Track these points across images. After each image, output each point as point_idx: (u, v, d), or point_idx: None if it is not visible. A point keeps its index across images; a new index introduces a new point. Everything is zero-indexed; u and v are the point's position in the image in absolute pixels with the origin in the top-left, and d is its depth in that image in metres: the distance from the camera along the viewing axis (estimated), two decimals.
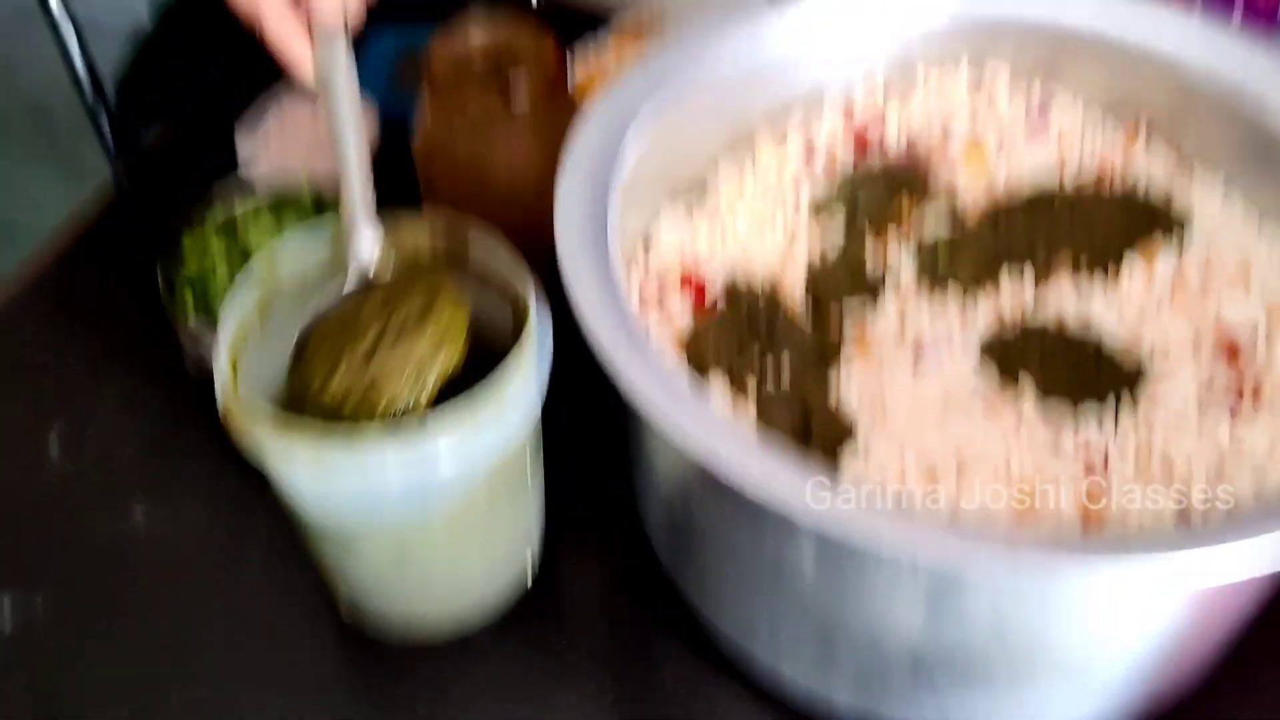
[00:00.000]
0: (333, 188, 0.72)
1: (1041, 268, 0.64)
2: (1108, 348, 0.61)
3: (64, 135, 2.25)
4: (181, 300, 0.74)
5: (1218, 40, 0.68)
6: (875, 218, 0.68)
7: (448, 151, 0.72)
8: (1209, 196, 0.68)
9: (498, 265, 0.63)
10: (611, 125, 0.64)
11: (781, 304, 0.65)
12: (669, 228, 0.68)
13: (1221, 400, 0.58)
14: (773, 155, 0.71)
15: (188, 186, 0.84)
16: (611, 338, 0.53)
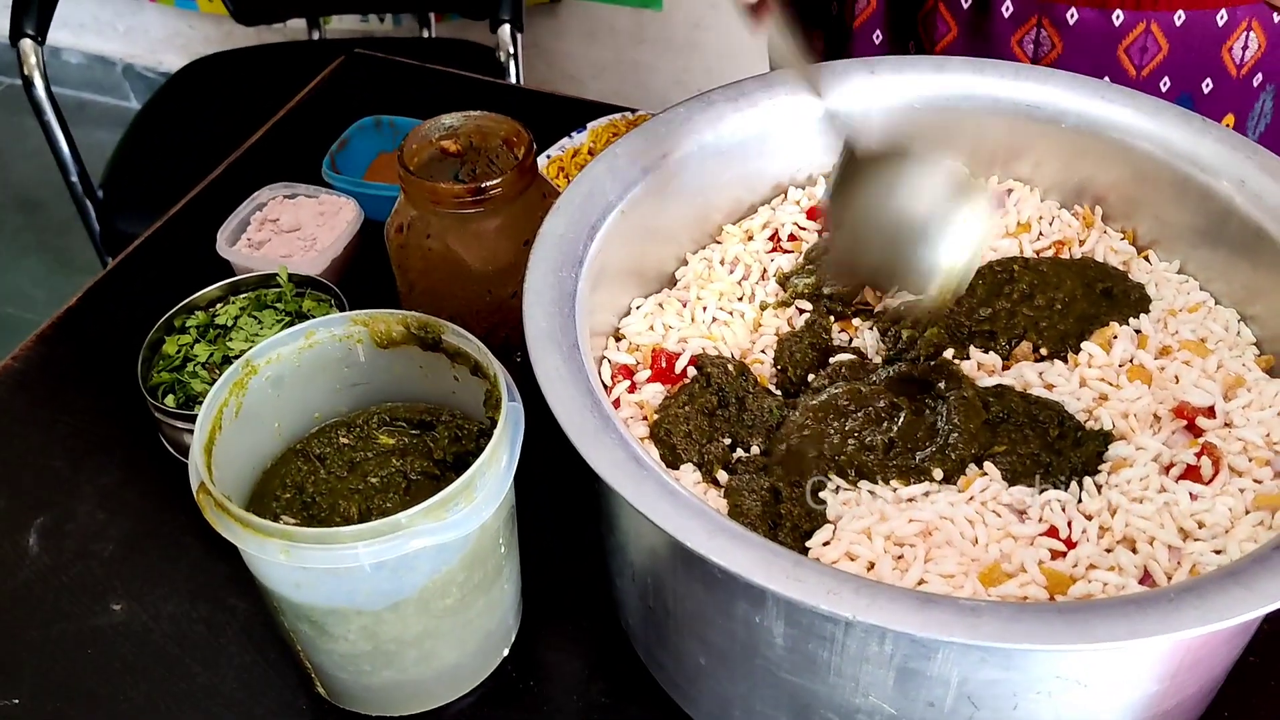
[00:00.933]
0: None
1: (1003, 349, 0.66)
2: (1070, 418, 0.62)
3: (53, 228, 2.28)
4: (162, 395, 0.76)
5: (1170, 124, 0.70)
6: (838, 290, 0.70)
7: (419, 240, 0.74)
8: (1165, 278, 0.70)
9: (471, 353, 0.64)
10: (581, 216, 0.66)
11: (750, 373, 0.66)
12: (639, 316, 0.69)
13: (1182, 470, 0.59)
14: (739, 244, 0.73)
15: (171, 282, 0.85)
16: (579, 421, 0.54)
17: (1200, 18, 0.83)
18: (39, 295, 2.17)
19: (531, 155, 0.74)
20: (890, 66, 0.74)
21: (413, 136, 0.74)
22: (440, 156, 0.76)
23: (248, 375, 0.63)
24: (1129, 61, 0.84)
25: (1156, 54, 0.84)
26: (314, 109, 1.11)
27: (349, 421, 0.68)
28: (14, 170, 2.43)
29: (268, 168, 1.01)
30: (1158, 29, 0.83)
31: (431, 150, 0.75)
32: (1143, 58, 0.84)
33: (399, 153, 0.73)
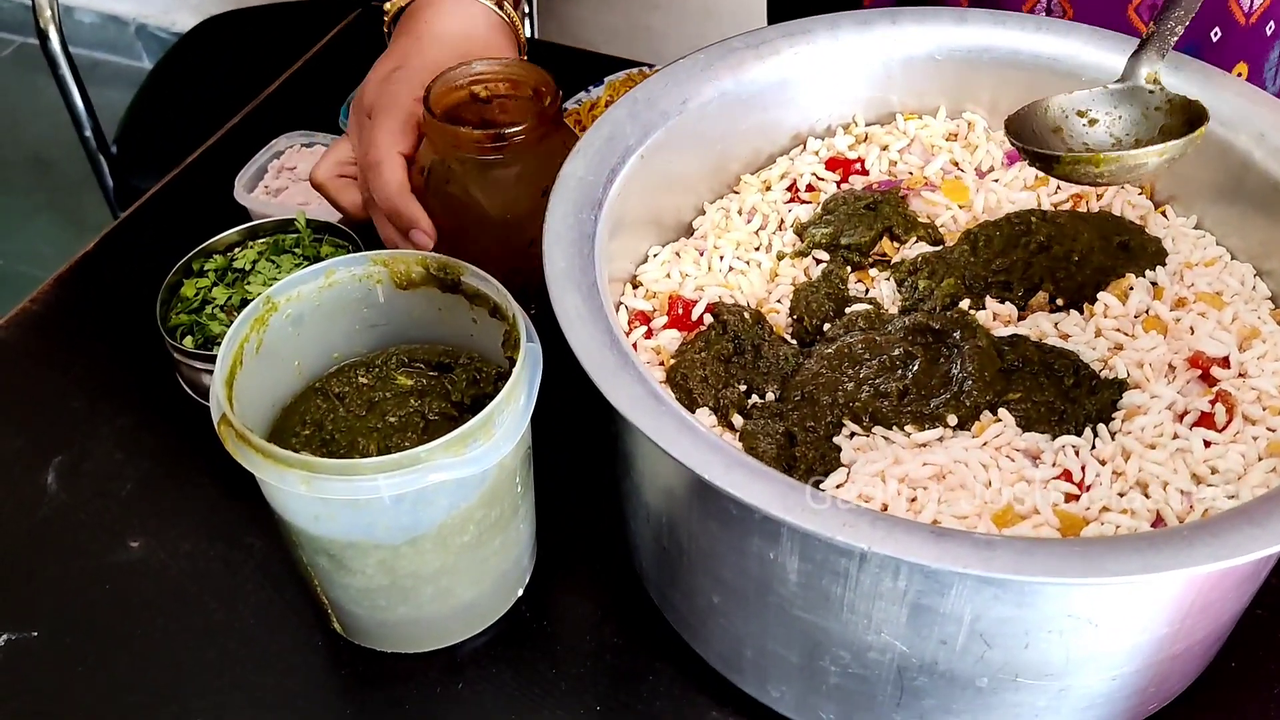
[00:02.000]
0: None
1: (1018, 300, 0.66)
2: (1085, 366, 0.62)
3: (66, 186, 2.29)
4: (180, 336, 0.76)
5: (1192, 80, 0.70)
6: (857, 240, 0.70)
7: (440, 185, 0.74)
8: (1182, 233, 0.70)
9: (490, 294, 0.64)
10: (601, 159, 0.66)
11: (766, 321, 0.66)
12: (656, 264, 0.70)
13: (1196, 418, 0.59)
14: (757, 193, 0.73)
15: (187, 229, 0.86)
16: (599, 359, 0.55)
17: None
18: (51, 253, 2.17)
19: (556, 103, 0.74)
20: (912, 17, 0.74)
21: (439, 81, 0.74)
22: (468, 102, 0.76)
23: (268, 312, 0.64)
24: (1138, 20, 0.84)
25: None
26: (329, 61, 1.11)
27: (368, 361, 0.68)
28: (26, 129, 2.43)
29: (284, 118, 1.01)
30: None
31: (459, 96, 0.75)
32: (1153, 14, 0.83)
33: (424, 96, 0.73)
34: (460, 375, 0.67)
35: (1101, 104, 0.62)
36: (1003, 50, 0.73)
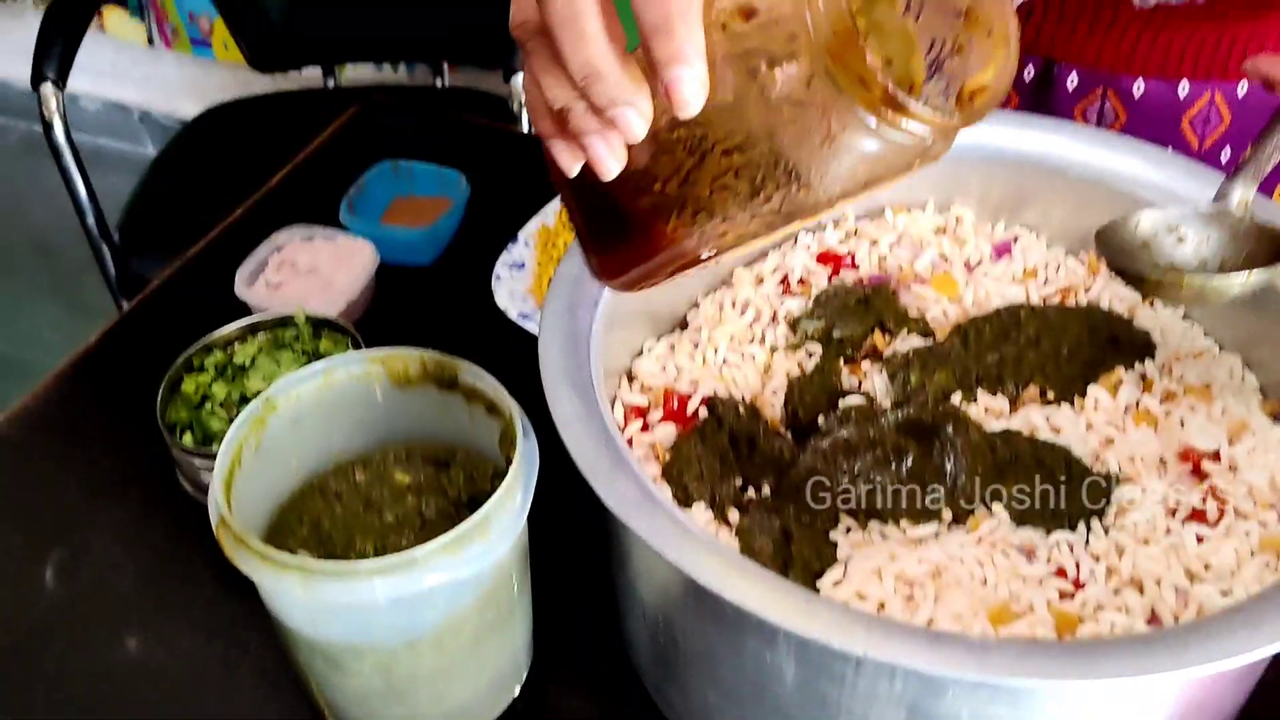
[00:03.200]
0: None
1: (1010, 394, 0.67)
2: (1077, 461, 0.63)
3: (68, 271, 2.31)
4: (180, 433, 0.77)
5: (1173, 171, 0.72)
6: (849, 334, 0.71)
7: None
8: (1169, 324, 0.71)
9: (487, 392, 0.65)
10: None
11: (761, 414, 0.67)
12: (651, 358, 0.70)
13: (1188, 513, 0.60)
14: (750, 287, 0.75)
15: (189, 323, 0.87)
16: (594, 460, 0.55)
17: (1261, 89, 0.84)
18: (53, 339, 2.18)
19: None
20: None
21: None
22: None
23: (268, 412, 0.64)
24: (1192, 133, 0.86)
25: (1219, 125, 0.85)
26: (331, 154, 1.14)
27: (366, 459, 0.69)
28: (29, 214, 2.46)
29: (285, 211, 1.02)
30: (1221, 100, 0.85)
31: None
32: (1205, 129, 0.85)
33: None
34: (457, 472, 0.67)
35: (1193, 223, 0.62)
36: (989, 147, 0.75)
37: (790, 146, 0.44)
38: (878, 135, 0.43)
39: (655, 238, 0.48)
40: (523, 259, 0.96)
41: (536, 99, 0.46)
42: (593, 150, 0.45)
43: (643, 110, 0.43)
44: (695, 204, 0.47)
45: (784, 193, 0.45)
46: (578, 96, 0.44)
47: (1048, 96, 0.88)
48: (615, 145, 0.44)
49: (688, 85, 0.41)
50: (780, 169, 0.44)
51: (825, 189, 0.45)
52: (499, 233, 0.98)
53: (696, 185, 0.46)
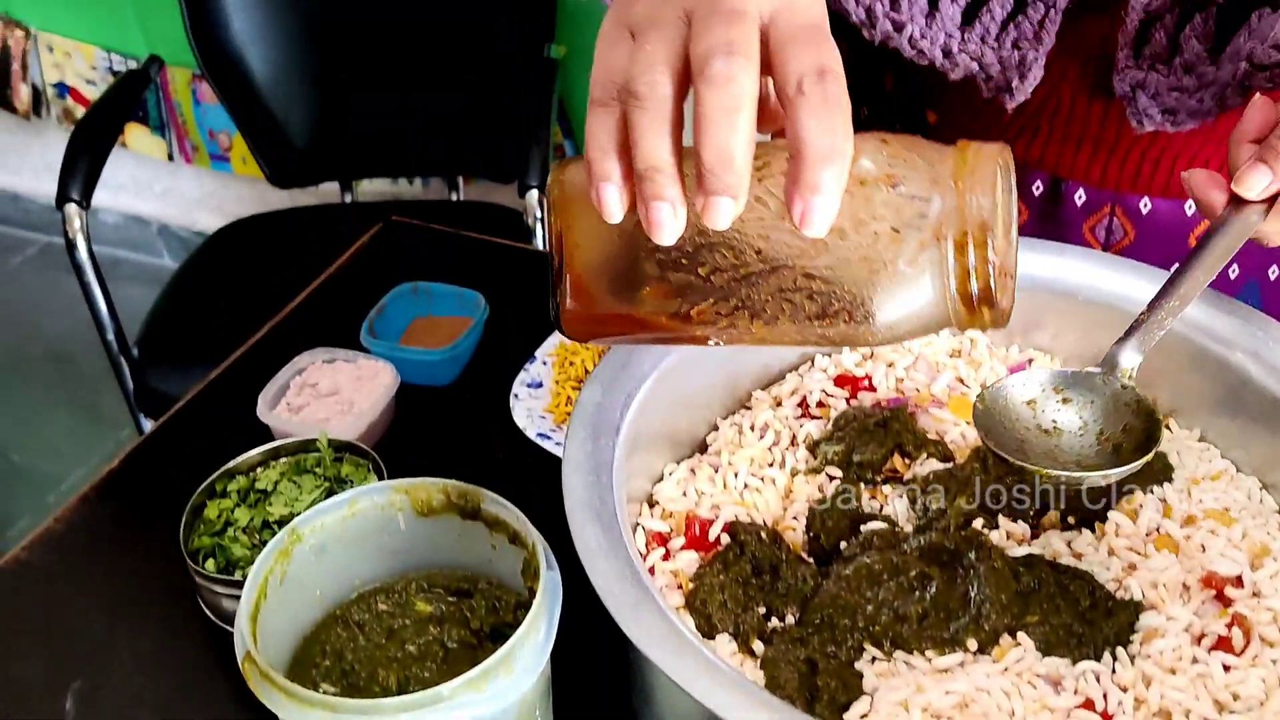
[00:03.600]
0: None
1: (1031, 518, 0.67)
2: (1100, 588, 0.63)
3: (85, 382, 2.33)
4: (203, 559, 0.77)
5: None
6: (869, 457, 0.71)
7: None
8: (1186, 446, 0.71)
9: (510, 522, 0.66)
10: (616, 385, 0.68)
11: (783, 540, 0.67)
12: (672, 483, 0.71)
13: (1214, 641, 0.60)
14: (769, 409, 0.75)
15: (211, 445, 0.88)
16: (619, 592, 0.56)
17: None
18: (68, 450, 2.20)
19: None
20: None
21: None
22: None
23: (293, 543, 0.65)
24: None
25: None
26: (350, 275, 1.16)
27: (388, 588, 0.69)
28: (48, 325, 2.50)
29: (307, 332, 1.04)
30: None
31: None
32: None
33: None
34: (480, 602, 0.67)
35: (1078, 386, 0.64)
36: None
37: (876, 294, 0.50)
38: (945, 313, 0.51)
39: (670, 311, 0.52)
40: (540, 378, 0.97)
41: (609, 138, 0.48)
42: (658, 214, 0.47)
43: (739, 208, 0.47)
44: (743, 302, 0.51)
45: (850, 326, 0.51)
46: (674, 163, 0.47)
47: (1056, 212, 0.89)
48: (681, 217, 0.47)
49: (821, 212, 0.46)
50: (858, 307, 0.50)
51: (881, 334, 0.51)
52: (517, 351, 0.99)
53: (755, 287, 0.51)
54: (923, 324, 0.51)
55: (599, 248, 0.52)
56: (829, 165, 0.46)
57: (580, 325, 0.54)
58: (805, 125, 0.46)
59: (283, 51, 1.76)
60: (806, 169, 0.46)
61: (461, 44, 1.76)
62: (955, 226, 0.49)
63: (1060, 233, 0.88)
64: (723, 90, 0.46)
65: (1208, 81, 0.73)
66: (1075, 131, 0.83)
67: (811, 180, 0.46)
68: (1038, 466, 0.60)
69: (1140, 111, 0.75)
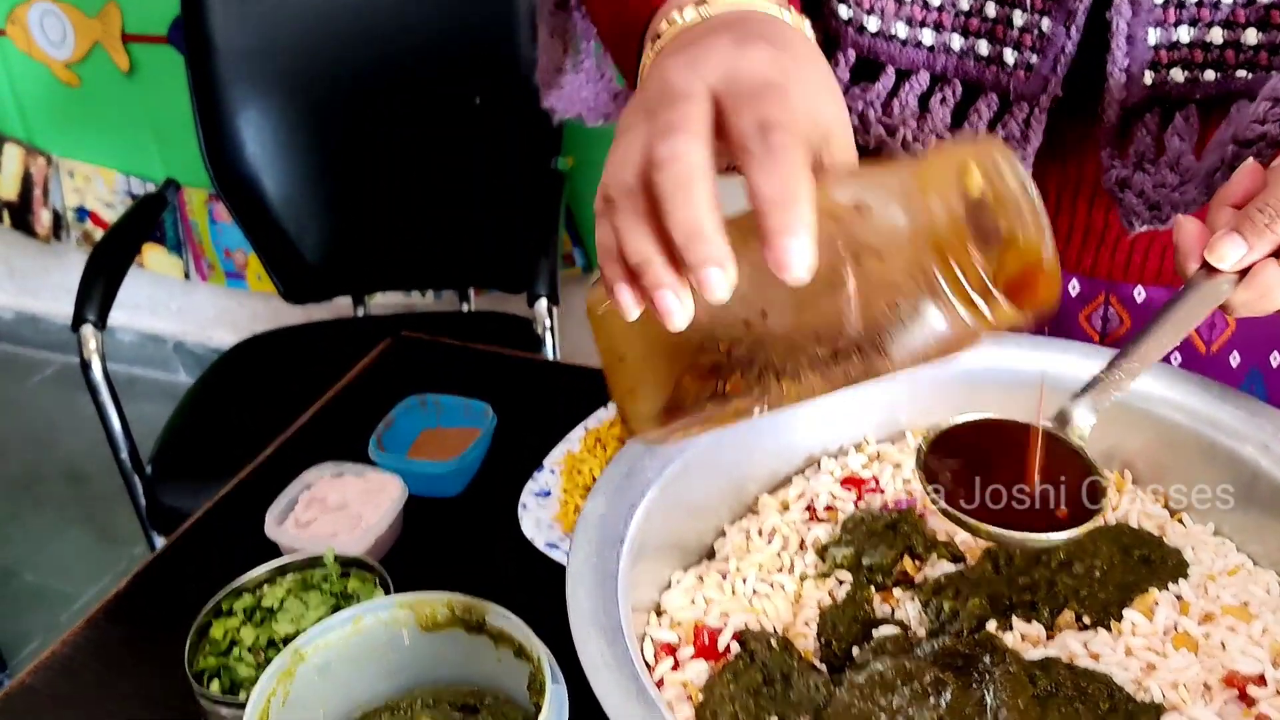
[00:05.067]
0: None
1: (1045, 620, 0.66)
2: (1119, 689, 0.61)
3: (99, 500, 2.33)
4: (208, 680, 0.76)
5: (1191, 392, 0.72)
6: (878, 560, 0.70)
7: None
8: (1201, 541, 0.70)
9: (515, 635, 0.65)
10: (620, 495, 0.68)
11: (794, 647, 0.66)
12: (679, 591, 0.70)
13: None
14: (776, 514, 0.75)
15: (219, 564, 0.87)
16: (626, 709, 0.55)
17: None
18: (80, 568, 2.19)
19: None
20: None
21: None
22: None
23: (295, 663, 0.64)
24: (1198, 338, 0.86)
25: (1224, 330, 0.86)
26: (361, 389, 1.16)
27: (393, 705, 0.68)
28: (63, 443, 2.51)
29: (316, 447, 1.04)
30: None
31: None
32: (1211, 333, 0.86)
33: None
34: (486, 718, 0.66)
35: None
36: (1004, 369, 0.76)
37: (878, 322, 0.50)
38: (955, 320, 0.50)
39: (710, 393, 0.53)
40: (549, 487, 0.97)
41: (610, 243, 0.50)
42: (664, 302, 0.49)
43: (729, 274, 0.48)
44: (765, 366, 0.52)
45: (866, 361, 0.51)
46: (658, 252, 0.49)
47: None
48: (685, 301, 0.49)
49: (798, 257, 0.47)
50: (866, 342, 0.50)
51: (897, 360, 0.51)
52: (525, 460, 0.99)
53: (770, 349, 0.52)
54: (940, 339, 0.50)
55: (637, 353, 0.55)
56: (786, 208, 0.47)
57: (647, 427, 0.56)
58: (756, 179, 0.47)
59: (295, 171, 1.80)
60: (768, 218, 0.47)
61: (471, 159, 1.79)
62: (928, 235, 0.48)
63: (1057, 322, 0.88)
64: (669, 170, 0.48)
65: (1192, 175, 0.74)
66: (1064, 225, 0.84)
67: (775, 226, 0.47)
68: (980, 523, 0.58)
69: (1129, 211, 0.76)
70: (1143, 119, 0.75)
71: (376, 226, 1.85)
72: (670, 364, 0.54)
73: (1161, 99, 0.74)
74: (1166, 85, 0.74)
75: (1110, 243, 0.84)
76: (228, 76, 1.74)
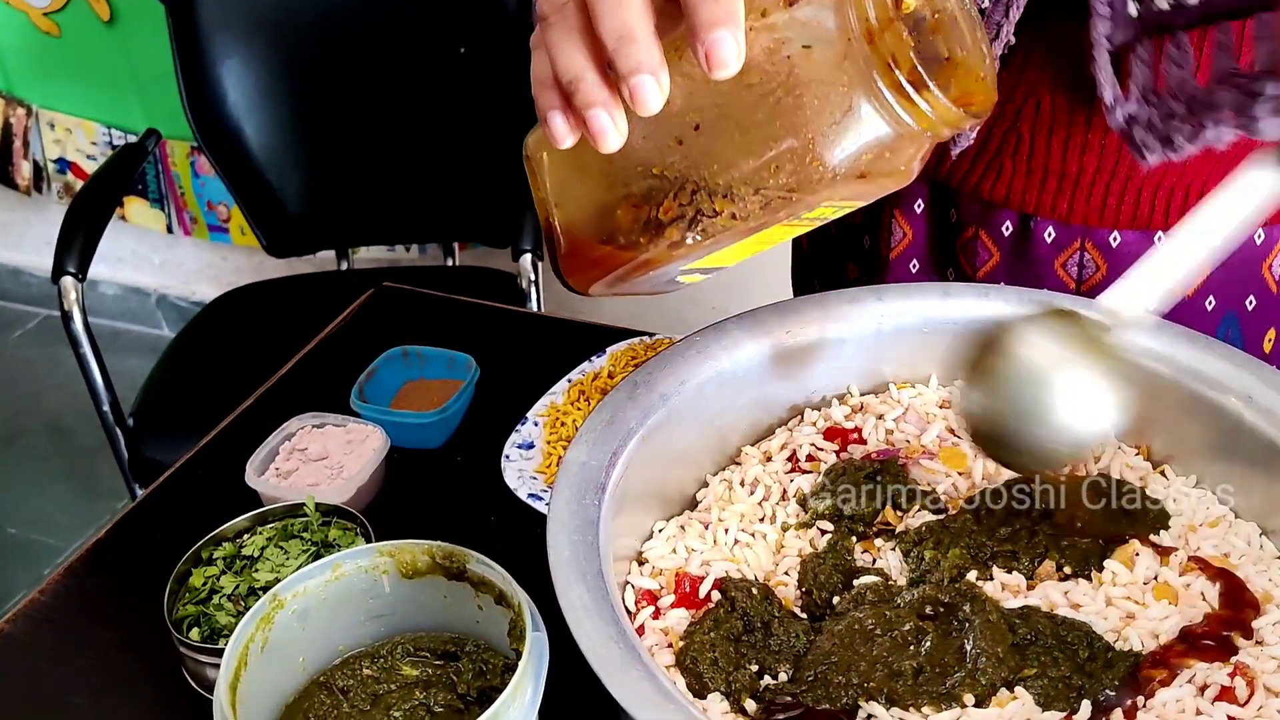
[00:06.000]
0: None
1: (1026, 569, 0.66)
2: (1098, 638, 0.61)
3: (82, 453, 2.33)
4: (187, 629, 0.76)
5: (1173, 342, 0.72)
6: (860, 510, 0.70)
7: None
8: (1183, 494, 0.70)
9: (496, 582, 0.65)
10: (603, 443, 0.67)
11: (775, 596, 0.66)
12: (661, 540, 0.70)
13: (1216, 692, 0.58)
14: (758, 465, 0.75)
15: (199, 514, 0.87)
16: (606, 653, 0.54)
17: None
18: (63, 521, 2.18)
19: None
20: (897, 293, 0.77)
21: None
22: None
23: (274, 610, 0.64)
24: None
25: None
26: (343, 340, 1.15)
27: (373, 652, 0.68)
28: (46, 397, 2.50)
29: (297, 398, 1.04)
30: None
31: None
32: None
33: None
34: (466, 665, 0.66)
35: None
36: (986, 319, 0.76)
37: (811, 121, 0.48)
38: (890, 115, 0.48)
39: (644, 222, 0.52)
40: (532, 439, 0.96)
41: (544, 71, 0.49)
42: (596, 122, 0.47)
43: (662, 83, 0.46)
44: (699, 183, 0.50)
45: (802, 170, 0.49)
46: (591, 67, 0.47)
47: (1027, 249, 0.89)
48: (619, 120, 0.47)
49: (727, 47, 0.45)
50: (802, 146, 0.48)
51: (832, 165, 0.49)
52: (509, 413, 0.99)
53: (703, 165, 0.50)
54: (879, 144, 0.48)
55: (570, 191, 0.54)
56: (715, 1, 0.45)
57: (579, 272, 0.55)
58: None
59: (277, 121, 1.78)
60: (697, 11, 0.45)
61: (456, 110, 1.77)
62: (857, 17, 0.47)
63: (1033, 271, 0.87)
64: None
65: (1200, 102, 0.72)
66: (1039, 167, 0.83)
67: (705, 18, 0.45)
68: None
69: (1141, 146, 0.75)
70: (1135, 52, 0.74)
71: (360, 179, 1.83)
72: (605, 198, 0.52)
73: (1149, 28, 0.73)
74: (1152, 13, 0.72)
75: (1085, 187, 0.83)
76: (209, 25, 1.71)
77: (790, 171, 0.49)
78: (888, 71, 0.47)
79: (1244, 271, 0.86)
